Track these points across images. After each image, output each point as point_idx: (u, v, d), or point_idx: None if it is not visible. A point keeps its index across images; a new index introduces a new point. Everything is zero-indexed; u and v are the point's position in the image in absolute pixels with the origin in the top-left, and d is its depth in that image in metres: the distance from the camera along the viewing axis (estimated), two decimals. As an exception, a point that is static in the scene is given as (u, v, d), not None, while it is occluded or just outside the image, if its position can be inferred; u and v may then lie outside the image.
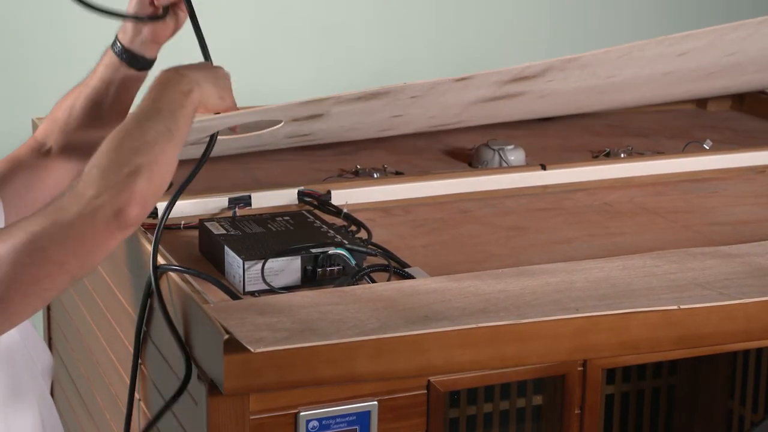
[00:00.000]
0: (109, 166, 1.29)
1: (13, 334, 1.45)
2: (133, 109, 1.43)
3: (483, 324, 1.36)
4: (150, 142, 1.32)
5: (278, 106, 1.77)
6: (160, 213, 1.62)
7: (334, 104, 1.82)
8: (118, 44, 1.58)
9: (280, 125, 1.84)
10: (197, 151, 1.55)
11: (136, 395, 1.64)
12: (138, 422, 1.66)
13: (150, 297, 1.56)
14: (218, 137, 1.60)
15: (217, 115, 1.55)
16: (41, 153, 1.60)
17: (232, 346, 1.29)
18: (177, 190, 1.54)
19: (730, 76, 2.32)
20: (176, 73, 1.43)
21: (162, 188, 1.33)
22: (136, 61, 1.58)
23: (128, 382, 1.65)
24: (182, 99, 1.40)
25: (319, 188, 1.85)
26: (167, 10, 1.58)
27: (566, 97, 2.18)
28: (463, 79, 1.80)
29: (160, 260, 1.54)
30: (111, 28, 1.56)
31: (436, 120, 2.14)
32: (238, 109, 1.53)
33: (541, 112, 2.35)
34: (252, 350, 1.26)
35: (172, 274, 1.50)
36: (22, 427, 1.49)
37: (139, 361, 1.63)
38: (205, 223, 1.64)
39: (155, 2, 1.56)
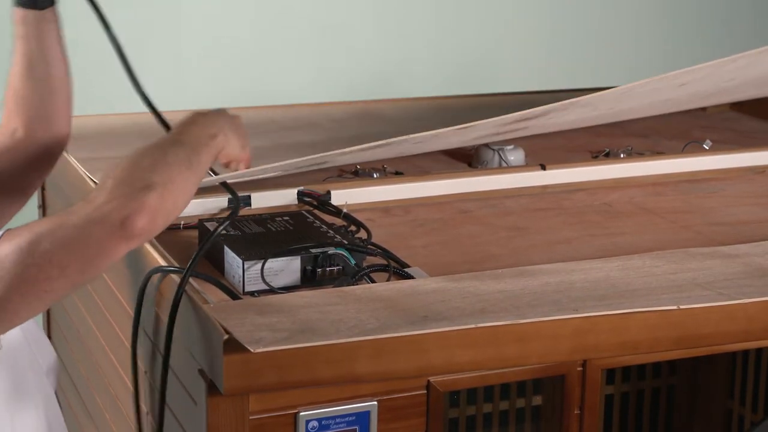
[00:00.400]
0: (124, 178, 1.29)
1: (16, 333, 1.45)
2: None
3: (482, 324, 1.37)
4: (169, 163, 1.32)
5: (283, 164, 1.79)
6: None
7: (338, 155, 1.84)
8: None
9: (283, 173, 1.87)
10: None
11: (143, 407, 1.65)
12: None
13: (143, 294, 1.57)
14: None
15: (231, 173, 1.57)
16: (15, 138, 1.60)
17: (232, 346, 1.29)
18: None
19: (729, 95, 2.33)
20: (204, 117, 1.44)
21: (175, 211, 1.33)
22: (35, 1, 1.57)
23: (128, 382, 1.65)
24: (207, 140, 1.41)
25: (319, 188, 1.85)
26: None
27: (567, 125, 2.19)
28: (465, 128, 1.82)
29: (160, 261, 1.54)
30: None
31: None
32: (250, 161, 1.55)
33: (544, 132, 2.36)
34: (251, 350, 1.26)
35: (171, 274, 1.50)
36: (28, 425, 1.49)
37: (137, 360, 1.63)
38: (205, 223, 1.64)
39: None
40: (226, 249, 1.55)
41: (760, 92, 2.39)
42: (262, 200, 1.81)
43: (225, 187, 1.62)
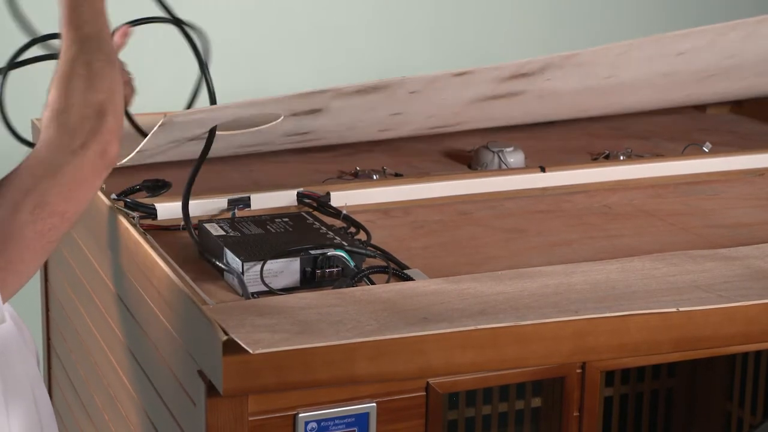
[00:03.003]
0: (74, 110, 1.35)
1: (8, 322, 1.46)
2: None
3: (482, 326, 1.36)
4: (98, 73, 1.38)
5: (277, 97, 1.77)
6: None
7: (333, 97, 1.81)
8: None
9: (279, 120, 1.84)
10: (197, 148, 1.55)
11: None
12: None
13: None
14: (216, 133, 1.60)
15: (216, 106, 1.56)
16: None
17: (231, 347, 1.29)
18: (185, 191, 1.55)
19: (729, 79, 2.32)
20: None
21: (122, 114, 1.41)
22: None
23: (126, 382, 1.66)
24: (104, 17, 1.44)
25: (319, 190, 1.85)
26: None
27: (565, 98, 2.17)
28: (462, 74, 1.81)
29: (160, 261, 1.54)
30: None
31: (434, 120, 2.14)
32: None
33: (541, 115, 2.35)
34: (251, 352, 1.26)
35: (171, 274, 1.49)
36: (22, 419, 1.49)
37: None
38: (204, 225, 1.64)
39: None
40: (226, 250, 1.55)
41: (759, 82, 2.38)
42: (262, 201, 1.81)
43: None
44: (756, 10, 3.59)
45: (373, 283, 1.53)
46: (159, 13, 1.75)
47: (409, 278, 1.56)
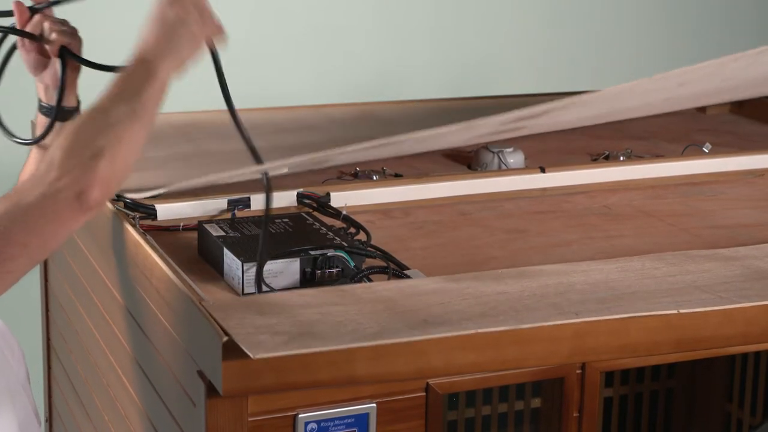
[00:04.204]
0: (72, 148, 1.31)
1: None
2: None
3: (482, 330, 1.36)
4: (112, 123, 1.33)
5: (283, 162, 1.79)
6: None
7: (339, 154, 1.83)
8: (41, 104, 1.67)
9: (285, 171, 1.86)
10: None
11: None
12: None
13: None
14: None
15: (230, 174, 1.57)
16: None
17: (231, 347, 1.28)
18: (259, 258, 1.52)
19: (728, 95, 2.33)
20: (138, 62, 1.42)
21: (127, 169, 1.34)
22: (59, 112, 1.65)
23: (126, 383, 1.65)
24: (147, 80, 1.39)
25: (319, 190, 1.85)
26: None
27: (566, 123, 2.19)
28: (466, 127, 1.82)
29: (160, 262, 1.54)
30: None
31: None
32: (217, 29, 1.50)
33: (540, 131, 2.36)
34: (252, 356, 1.26)
35: (171, 275, 1.49)
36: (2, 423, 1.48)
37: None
38: (204, 225, 1.64)
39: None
40: (226, 251, 1.55)
41: (758, 91, 2.39)
42: (262, 202, 1.81)
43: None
44: (756, 9, 3.60)
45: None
46: None
47: (408, 279, 1.56)
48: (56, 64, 1.65)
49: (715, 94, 2.26)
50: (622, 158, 2.18)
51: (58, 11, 1.68)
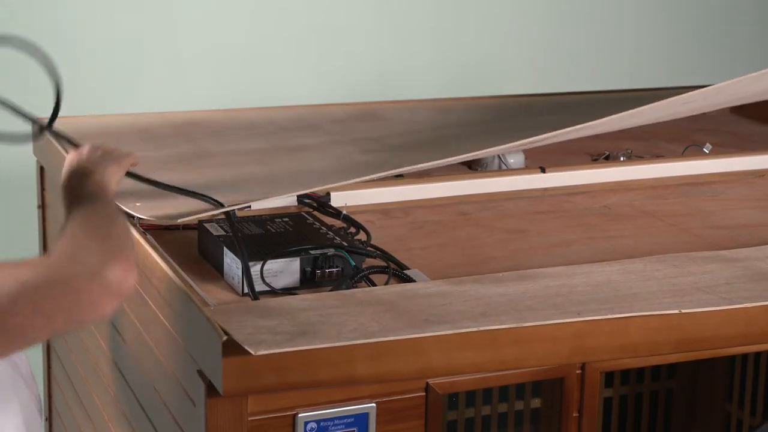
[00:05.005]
0: (99, 239, 1.30)
1: None
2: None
3: (483, 328, 1.36)
4: (112, 236, 1.33)
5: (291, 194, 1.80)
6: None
7: (344, 185, 1.83)
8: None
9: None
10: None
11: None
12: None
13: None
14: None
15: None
16: None
17: (231, 347, 1.29)
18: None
19: (729, 104, 2.35)
20: (78, 174, 1.50)
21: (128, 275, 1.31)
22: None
23: (127, 382, 1.65)
24: (101, 188, 1.47)
25: (319, 190, 1.85)
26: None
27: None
28: (474, 158, 1.83)
29: (160, 261, 1.54)
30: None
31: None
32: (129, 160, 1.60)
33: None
34: (253, 353, 1.26)
35: (171, 274, 1.49)
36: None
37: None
38: (204, 224, 1.64)
39: None
40: (225, 250, 1.55)
41: (759, 98, 2.40)
42: (262, 202, 1.81)
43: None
44: (756, 9, 3.59)
45: (373, 284, 1.53)
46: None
47: (409, 278, 1.56)
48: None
49: (717, 106, 2.27)
50: (622, 158, 2.18)
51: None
